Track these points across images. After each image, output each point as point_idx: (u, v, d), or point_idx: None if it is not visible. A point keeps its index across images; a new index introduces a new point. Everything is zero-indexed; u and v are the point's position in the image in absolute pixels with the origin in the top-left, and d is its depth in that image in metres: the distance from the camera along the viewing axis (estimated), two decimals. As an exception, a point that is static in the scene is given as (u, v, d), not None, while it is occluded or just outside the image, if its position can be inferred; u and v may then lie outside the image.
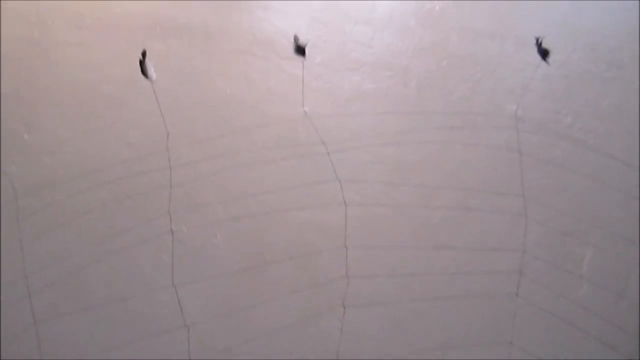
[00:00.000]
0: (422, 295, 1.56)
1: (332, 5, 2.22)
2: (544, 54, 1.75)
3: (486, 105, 1.96)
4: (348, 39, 2.14)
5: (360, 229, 1.63)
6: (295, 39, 1.75)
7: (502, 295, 1.53)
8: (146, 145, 1.79)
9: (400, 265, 1.60)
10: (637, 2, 2.27)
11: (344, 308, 1.45)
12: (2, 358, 1.45)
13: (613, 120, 1.96)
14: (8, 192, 1.66)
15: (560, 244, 1.66)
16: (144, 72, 1.63)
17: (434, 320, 1.52)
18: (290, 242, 1.59)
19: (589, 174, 1.80)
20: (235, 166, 1.76)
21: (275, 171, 1.74)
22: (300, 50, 1.73)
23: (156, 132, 1.82)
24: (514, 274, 1.56)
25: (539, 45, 1.75)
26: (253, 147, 1.81)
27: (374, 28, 2.18)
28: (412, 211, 1.71)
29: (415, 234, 1.67)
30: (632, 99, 2.01)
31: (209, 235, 1.63)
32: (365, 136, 1.85)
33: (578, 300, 1.58)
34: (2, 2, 2.18)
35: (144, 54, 1.62)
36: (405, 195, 1.74)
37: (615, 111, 1.98)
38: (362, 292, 1.51)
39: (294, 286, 1.50)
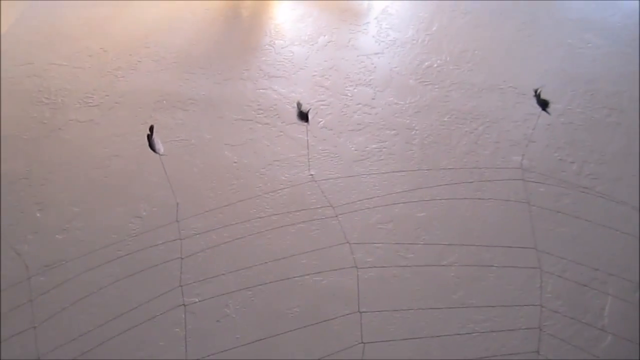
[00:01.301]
0: (441, 357, 1.52)
1: (333, 69, 2.29)
2: (543, 104, 1.78)
3: (491, 158, 1.97)
4: (350, 101, 2.19)
5: (374, 291, 1.62)
6: (298, 105, 1.79)
7: (523, 354, 1.48)
8: (156, 217, 1.81)
9: (417, 327, 1.57)
10: (635, 47, 2.31)
11: (361, 376, 1.42)
12: None
13: (620, 165, 1.96)
14: (21, 272, 1.67)
15: (577, 295, 1.62)
16: (151, 146, 1.66)
17: (454, 383, 1.48)
18: (303, 309, 1.57)
19: (600, 221, 1.78)
20: (245, 234, 1.76)
21: (285, 237, 1.74)
22: (303, 116, 1.77)
23: (166, 204, 1.84)
24: (533, 330, 1.52)
25: (537, 96, 1.77)
26: (262, 214, 1.82)
27: (374, 89, 2.24)
28: (425, 270, 1.69)
29: (430, 294, 1.65)
30: (636, 142, 2.02)
31: (222, 305, 1.62)
32: (372, 196, 1.85)
33: (601, 354, 1.53)
34: (14, 85, 2.26)
35: (151, 129, 1.65)
36: (417, 253, 1.72)
37: (621, 155, 1.99)
38: (380, 357, 1.47)
39: (308, 355, 1.47)
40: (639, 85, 2.18)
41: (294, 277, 1.64)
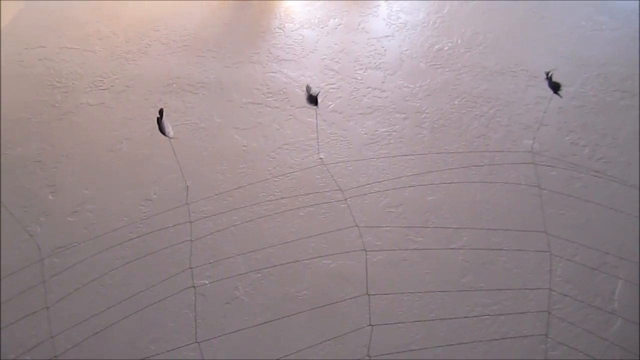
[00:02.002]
0: (449, 341, 1.52)
1: (343, 52, 2.27)
2: (555, 87, 1.76)
3: (502, 141, 1.96)
4: (360, 85, 2.18)
5: (383, 274, 1.62)
6: (307, 88, 1.78)
7: (531, 337, 1.48)
8: (166, 200, 1.82)
9: (426, 310, 1.58)
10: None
11: (369, 357, 1.43)
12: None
13: (632, 149, 1.94)
14: (34, 253, 1.69)
15: (588, 279, 1.62)
16: (161, 130, 1.67)
17: (463, 365, 1.48)
18: (311, 292, 1.58)
19: (611, 205, 1.77)
20: (254, 217, 1.77)
21: (294, 220, 1.74)
22: (312, 99, 1.76)
23: (176, 187, 1.85)
24: (542, 313, 1.52)
25: (549, 79, 1.75)
26: (272, 197, 1.82)
27: (384, 72, 2.22)
28: (434, 253, 1.69)
29: (439, 277, 1.65)
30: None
31: (231, 288, 1.63)
32: (381, 180, 1.85)
33: (611, 337, 1.53)
34: (25, 68, 2.28)
35: (161, 113, 1.66)
36: (426, 237, 1.72)
37: (634, 139, 1.96)
38: (388, 340, 1.48)
39: (317, 337, 1.48)
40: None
41: (303, 260, 1.65)
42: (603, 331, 1.54)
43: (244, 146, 1.98)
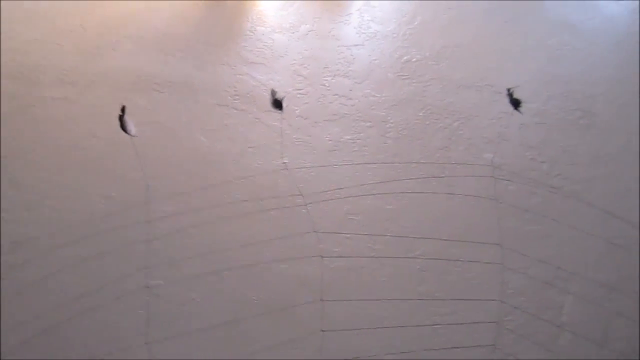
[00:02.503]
0: (401, 349, 1.54)
1: (312, 59, 2.28)
2: (515, 103, 1.80)
3: (464, 154, 1.99)
4: (327, 92, 2.19)
5: (339, 281, 1.63)
6: (272, 93, 1.79)
7: (481, 347, 1.51)
8: (126, 199, 1.80)
9: (380, 317, 1.59)
10: (612, 51, 2.34)
11: (320, 363, 1.44)
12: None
13: (589, 167, 1.98)
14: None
15: (539, 292, 1.65)
16: (123, 127, 1.65)
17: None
18: (267, 296, 1.58)
19: (566, 222, 1.81)
20: (215, 219, 1.76)
21: (254, 224, 1.75)
22: (277, 104, 1.77)
23: (137, 186, 1.83)
24: (492, 324, 1.55)
25: (510, 95, 1.79)
26: (233, 200, 1.82)
27: (353, 80, 2.24)
28: (392, 262, 1.71)
29: (396, 286, 1.67)
30: (608, 146, 2.05)
31: (187, 290, 1.62)
32: (344, 187, 1.86)
33: (558, 350, 1.56)
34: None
35: (123, 110, 1.64)
36: (385, 245, 1.74)
37: (591, 158, 2.01)
38: (340, 346, 1.49)
39: (270, 342, 1.49)
40: (614, 89, 2.20)
41: (261, 263, 1.65)
42: (550, 344, 1.58)
43: (209, 147, 1.97)
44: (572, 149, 2.03)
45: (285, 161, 1.93)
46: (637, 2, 2.57)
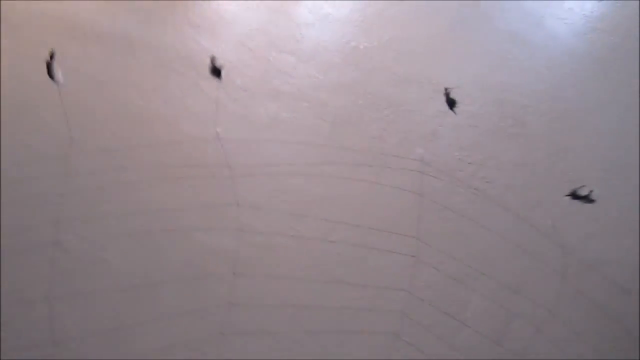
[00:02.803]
0: (309, 328, 1.56)
1: (259, 31, 2.25)
2: (451, 103, 1.84)
3: (396, 146, 2.02)
4: (271, 67, 2.17)
5: (255, 256, 1.63)
6: (212, 59, 1.75)
7: (384, 334, 1.55)
8: (45, 149, 1.73)
9: (292, 296, 1.61)
10: (549, 66, 2.42)
11: (223, 335, 1.44)
12: None
13: (512, 174, 2.06)
14: None
15: (447, 287, 1.71)
16: (50, 74, 1.58)
17: (315, 353, 1.52)
18: (180, 263, 1.56)
19: (483, 223, 1.87)
20: (137, 181, 1.72)
21: (177, 190, 1.72)
22: (216, 71, 1.73)
23: (58, 137, 1.76)
24: (397, 313, 1.59)
25: (447, 95, 1.83)
26: (159, 163, 1.78)
27: (298, 59, 2.22)
28: (311, 243, 1.72)
29: (311, 266, 1.68)
30: (532, 156, 2.13)
31: (99, 249, 1.58)
32: (273, 164, 1.85)
33: (456, 344, 1.63)
34: None
35: (51, 55, 1.57)
36: (306, 227, 1.75)
37: (515, 165, 2.09)
38: (246, 320, 1.50)
39: (176, 309, 1.47)
40: (546, 103, 2.29)
41: (179, 230, 1.62)
42: (452, 338, 1.64)
43: (142, 107, 1.91)
44: (499, 154, 2.10)
45: (218, 130, 1.90)
46: (584, 24, 2.66)
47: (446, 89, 1.85)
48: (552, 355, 1.65)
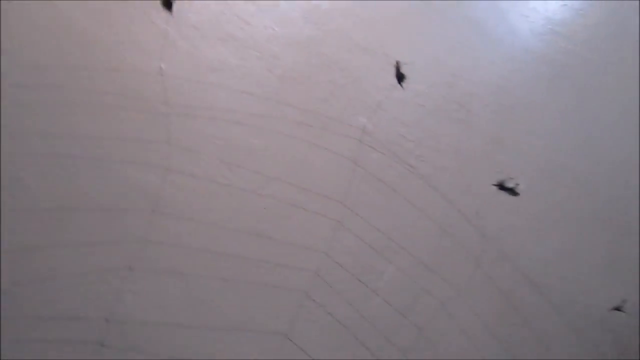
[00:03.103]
0: (223, 276, 1.56)
1: (222, -30, 2.17)
2: (400, 77, 1.85)
3: (340, 111, 2.01)
4: (228, 10, 2.10)
5: (179, 198, 1.60)
6: (165, -11, 1.68)
7: (295, 291, 1.58)
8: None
9: (211, 242, 1.60)
10: (503, 59, 2.46)
11: (131, 270, 1.42)
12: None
13: (448, 157, 2.10)
14: None
15: (365, 256, 1.75)
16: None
17: (224, 300, 1.53)
18: (99, 194, 1.52)
19: (411, 200, 1.91)
20: (68, 103, 1.65)
21: (108, 119, 1.66)
22: (167, 3, 1.67)
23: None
24: (312, 273, 1.62)
25: (397, 68, 1.84)
26: (94, 89, 1.71)
27: (258, 8, 2.16)
28: (239, 194, 1.71)
29: (235, 216, 1.67)
30: (471, 142, 2.17)
31: (15, 169, 1.52)
32: (214, 109, 1.82)
33: (365, 311, 1.67)
34: None
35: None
36: (238, 177, 1.73)
37: (453, 149, 2.13)
38: (161, 259, 1.48)
39: (88, 238, 1.44)
40: (494, 95, 2.33)
41: (103, 160, 1.58)
42: (361, 304, 1.68)
43: (82, 28, 1.82)
44: (439, 136, 2.13)
45: (162, 66, 1.84)
46: (544, 24, 2.70)
47: (397, 62, 1.85)
48: (450, 331, 1.72)
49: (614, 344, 2.06)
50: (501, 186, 1.98)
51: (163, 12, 1.91)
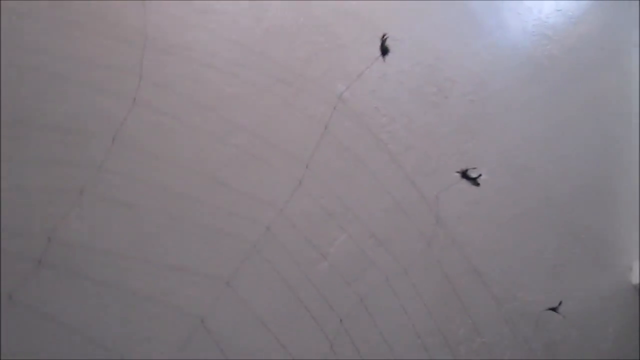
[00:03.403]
0: (176, 215, 1.56)
1: None
2: (384, 51, 1.84)
3: (321, 75, 2.00)
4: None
5: (143, 131, 1.58)
6: None
7: (245, 242, 1.59)
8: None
9: (169, 180, 1.58)
10: (487, 47, 2.47)
11: (82, 194, 1.40)
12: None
13: (419, 139, 2.12)
14: None
15: (319, 220, 1.76)
16: None
17: (171, 238, 1.52)
18: (60, 115, 1.49)
19: (375, 174, 1.93)
20: (39, 17, 1.60)
21: (82, 42, 1.61)
22: None
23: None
24: (263, 227, 1.63)
25: (383, 41, 1.83)
26: (70, 7, 1.65)
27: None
28: (205, 138, 1.70)
29: (197, 160, 1.66)
30: (443, 127, 2.19)
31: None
32: (193, 50, 1.79)
33: (311, 274, 1.70)
34: None
35: None
36: (205, 120, 1.72)
37: (423, 131, 2.15)
38: (114, 189, 1.46)
39: (44, 157, 1.42)
40: (471, 83, 2.34)
41: (68, 80, 1.54)
42: (309, 267, 1.70)
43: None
44: (413, 116, 2.14)
45: (146, -3, 1.79)
46: (535, 25, 2.71)
47: (384, 35, 1.84)
48: (390, 305, 1.77)
49: (544, 343, 2.14)
50: (464, 174, 2.01)
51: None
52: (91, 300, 1.36)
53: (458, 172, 2.02)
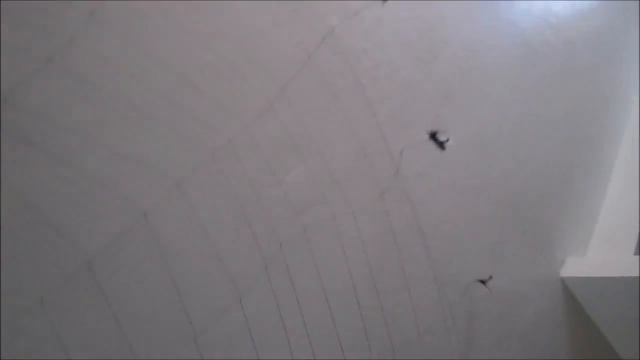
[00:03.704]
0: (138, 106, 1.54)
1: None
2: None
3: (317, 3, 1.96)
4: None
5: (126, 15, 1.52)
6: None
7: (202, 149, 1.59)
8: None
9: (139, 73, 1.55)
10: (488, 24, 2.45)
11: (49, 63, 1.36)
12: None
13: (398, 91, 2.13)
14: None
15: (282, 146, 1.77)
16: None
17: (130, 130, 1.51)
18: None
19: (347, 114, 1.95)
20: None
21: None
22: None
23: None
24: (225, 140, 1.63)
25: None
26: None
27: None
28: (182, 41, 1.66)
29: (171, 62, 1.61)
30: (424, 87, 2.20)
31: None
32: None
33: (262, 196, 1.72)
34: None
35: None
36: (184, 26, 1.65)
37: (406, 86, 2.15)
38: (81, 65, 1.42)
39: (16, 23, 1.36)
40: (463, 49, 2.34)
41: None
42: (260, 187, 1.72)
43: None
44: (398, 67, 2.14)
45: None
46: (545, 24, 2.68)
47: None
48: (330, 244, 1.81)
49: (466, 311, 2.24)
50: (433, 136, 2.04)
51: None
52: (37, 170, 1.34)
53: (428, 132, 2.04)
